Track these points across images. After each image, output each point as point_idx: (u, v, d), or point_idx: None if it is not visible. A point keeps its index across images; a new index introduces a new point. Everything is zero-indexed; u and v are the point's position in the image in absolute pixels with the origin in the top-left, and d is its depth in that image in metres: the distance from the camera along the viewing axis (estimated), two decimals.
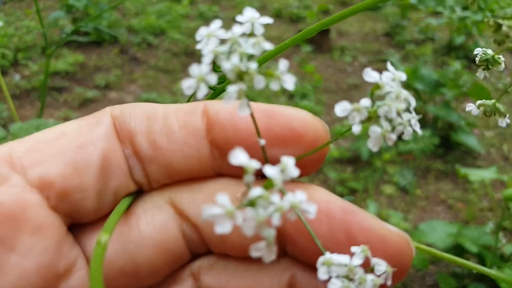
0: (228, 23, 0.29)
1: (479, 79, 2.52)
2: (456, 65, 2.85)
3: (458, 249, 1.77)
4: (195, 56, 3.35)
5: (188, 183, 0.38)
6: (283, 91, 2.85)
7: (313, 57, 3.43)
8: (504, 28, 0.36)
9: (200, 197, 0.37)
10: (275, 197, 0.28)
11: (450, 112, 2.62)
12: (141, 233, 0.37)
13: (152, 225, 0.37)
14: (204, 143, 0.37)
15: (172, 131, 0.37)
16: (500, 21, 0.36)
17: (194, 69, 0.31)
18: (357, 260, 0.31)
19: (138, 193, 0.39)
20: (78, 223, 0.37)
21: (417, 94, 2.72)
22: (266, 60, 0.41)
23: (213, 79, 0.30)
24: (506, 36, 0.36)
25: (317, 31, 0.38)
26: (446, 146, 2.65)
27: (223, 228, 0.27)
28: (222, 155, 0.37)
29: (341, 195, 0.38)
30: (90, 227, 0.37)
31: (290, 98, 2.89)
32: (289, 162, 0.29)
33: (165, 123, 0.38)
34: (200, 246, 0.38)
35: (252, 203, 0.28)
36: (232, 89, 0.30)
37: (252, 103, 0.34)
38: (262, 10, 4.05)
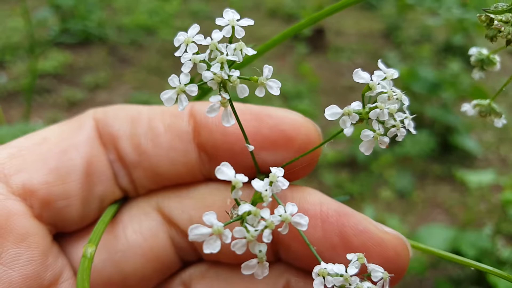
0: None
1: (478, 81, 2.50)
2: (454, 66, 2.82)
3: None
4: None
5: (175, 188, 0.36)
6: None
7: (308, 58, 3.38)
8: (495, 22, 0.35)
9: (189, 203, 0.36)
10: (265, 213, 0.27)
11: (447, 114, 2.60)
12: (128, 241, 0.36)
13: (139, 232, 0.36)
14: (191, 147, 0.35)
15: (157, 134, 0.35)
16: (492, 15, 0.35)
17: (173, 79, 0.29)
18: (353, 269, 0.29)
19: (124, 199, 0.38)
20: (64, 232, 0.36)
21: (414, 96, 2.69)
22: (256, 58, 0.40)
23: (194, 89, 0.29)
24: (498, 31, 0.35)
25: (308, 26, 0.36)
26: (443, 149, 2.63)
27: (211, 248, 0.26)
28: (211, 159, 0.35)
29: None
30: (76, 236, 0.36)
31: (285, 99, 2.85)
32: (278, 173, 0.28)
33: (150, 126, 0.36)
34: (191, 254, 0.36)
35: (241, 220, 0.27)
36: (214, 99, 0.29)
37: (241, 105, 0.33)
38: (256, 10, 4.02)
